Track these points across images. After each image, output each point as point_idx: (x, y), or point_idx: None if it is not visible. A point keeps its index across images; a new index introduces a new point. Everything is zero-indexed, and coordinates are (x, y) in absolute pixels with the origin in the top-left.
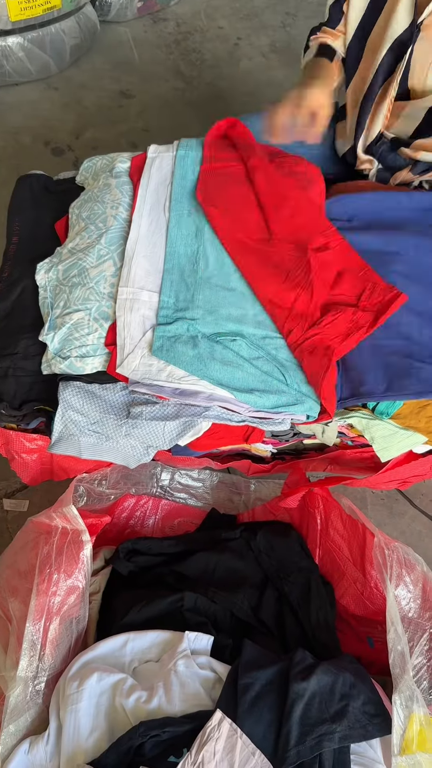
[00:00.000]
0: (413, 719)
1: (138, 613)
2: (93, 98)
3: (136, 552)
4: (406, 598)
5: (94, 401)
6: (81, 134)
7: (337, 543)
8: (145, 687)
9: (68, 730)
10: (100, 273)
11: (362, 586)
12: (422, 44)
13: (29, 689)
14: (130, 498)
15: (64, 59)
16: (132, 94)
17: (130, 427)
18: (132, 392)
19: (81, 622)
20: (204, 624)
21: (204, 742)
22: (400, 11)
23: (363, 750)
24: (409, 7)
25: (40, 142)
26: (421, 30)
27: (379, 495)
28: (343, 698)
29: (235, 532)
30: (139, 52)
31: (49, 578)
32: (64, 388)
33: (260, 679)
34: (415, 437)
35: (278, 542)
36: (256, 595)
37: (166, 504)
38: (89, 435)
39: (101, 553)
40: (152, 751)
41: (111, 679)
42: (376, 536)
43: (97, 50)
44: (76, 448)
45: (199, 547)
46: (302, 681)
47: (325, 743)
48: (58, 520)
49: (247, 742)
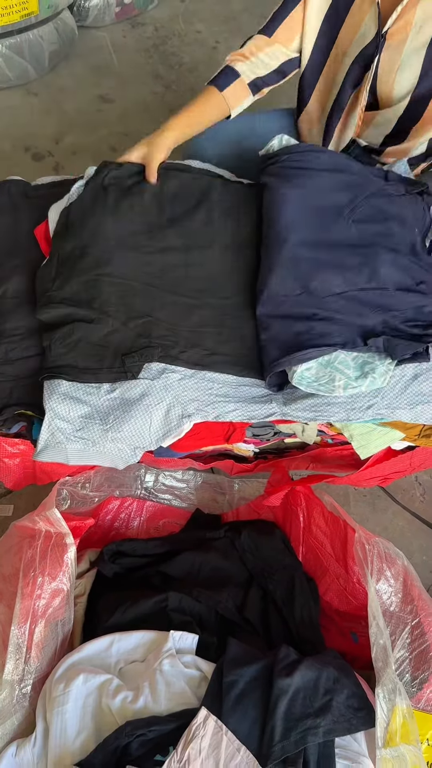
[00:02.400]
0: (396, 712)
1: (123, 614)
2: (73, 103)
3: (121, 554)
4: (387, 593)
5: (79, 407)
6: (61, 139)
7: (320, 540)
8: (131, 687)
9: (55, 731)
10: None
11: (345, 582)
12: (388, 53)
13: (15, 692)
14: (114, 500)
15: (43, 65)
16: (111, 99)
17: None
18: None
19: (66, 624)
20: (189, 623)
21: (189, 739)
22: (366, 22)
23: (347, 743)
24: (374, 18)
25: (20, 147)
26: (386, 39)
27: (362, 492)
28: (327, 693)
29: (220, 532)
30: (118, 56)
31: (34, 581)
32: (49, 395)
33: (245, 676)
34: (393, 434)
35: (262, 541)
36: (241, 593)
37: (150, 505)
38: (75, 441)
39: (86, 556)
40: (139, 750)
41: (97, 680)
42: (356, 532)
43: (76, 55)
44: (63, 456)
45: (184, 547)
46: (286, 677)
47: (310, 738)
48: (41, 524)
49: (233, 739)
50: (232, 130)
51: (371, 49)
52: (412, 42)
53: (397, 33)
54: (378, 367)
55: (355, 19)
